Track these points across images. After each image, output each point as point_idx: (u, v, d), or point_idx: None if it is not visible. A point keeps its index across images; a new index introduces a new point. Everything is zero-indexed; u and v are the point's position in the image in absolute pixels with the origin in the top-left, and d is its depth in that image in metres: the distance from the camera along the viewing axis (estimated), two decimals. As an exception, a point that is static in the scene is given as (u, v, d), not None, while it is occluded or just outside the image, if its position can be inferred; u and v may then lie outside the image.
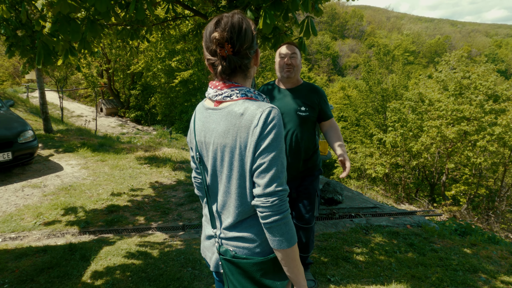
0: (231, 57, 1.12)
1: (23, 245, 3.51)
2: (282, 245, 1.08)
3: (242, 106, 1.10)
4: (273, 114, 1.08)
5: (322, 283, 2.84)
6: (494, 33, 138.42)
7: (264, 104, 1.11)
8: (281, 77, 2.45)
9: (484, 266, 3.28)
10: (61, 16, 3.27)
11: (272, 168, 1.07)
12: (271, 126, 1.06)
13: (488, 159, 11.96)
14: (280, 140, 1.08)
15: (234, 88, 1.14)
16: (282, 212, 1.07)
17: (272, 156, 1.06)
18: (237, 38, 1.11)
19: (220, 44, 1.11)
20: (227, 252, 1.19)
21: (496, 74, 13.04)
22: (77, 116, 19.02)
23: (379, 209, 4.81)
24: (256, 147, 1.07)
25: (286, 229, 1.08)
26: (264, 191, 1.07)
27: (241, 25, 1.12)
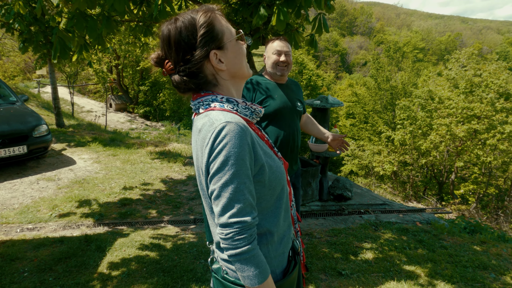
0: (174, 76, 1.00)
1: (40, 236, 3.61)
2: (245, 282, 0.95)
3: (201, 121, 0.98)
4: (225, 132, 0.89)
5: (333, 277, 2.88)
6: (506, 30, 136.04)
7: (221, 117, 0.93)
8: (273, 74, 2.39)
9: (494, 263, 3.29)
10: (78, 12, 3.34)
11: (224, 195, 0.91)
12: (221, 146, 0.89)
13: (498, 158, 11.84)
14: (234, 162, 0.90)
15: (200, 99, 1.01)
16: (238, 247, 0.91)
17: (223, 182, 0.90)
18: (169, 53, 0.98)
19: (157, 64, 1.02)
20: (219, 271, 1.08)
21: (508, 72, 12.87)
22: (87, 112, 19.27)
23: (388, 206, 4.83)
24: (208, 171, 0.94)
25: (245, 267, 0.93)
26: (218, 221, 0.93)
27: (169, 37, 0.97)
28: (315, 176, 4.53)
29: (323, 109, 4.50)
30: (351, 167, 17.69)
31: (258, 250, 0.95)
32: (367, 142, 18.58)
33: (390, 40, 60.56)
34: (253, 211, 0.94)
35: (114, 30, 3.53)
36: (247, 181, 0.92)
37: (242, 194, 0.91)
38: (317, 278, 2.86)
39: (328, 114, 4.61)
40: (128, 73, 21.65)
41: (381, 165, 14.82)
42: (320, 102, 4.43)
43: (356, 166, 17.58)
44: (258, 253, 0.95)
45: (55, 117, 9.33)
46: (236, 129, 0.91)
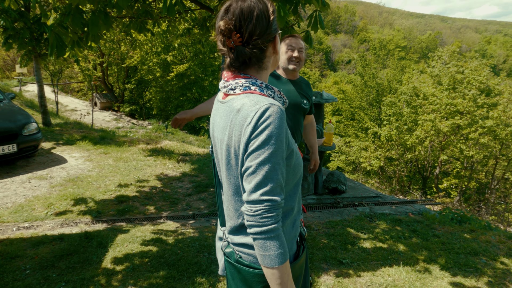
0: (239, 48, 1.01)
1: (38, 234, 3.57)
2: (265, 262, 0.96)
3: (241, 101, 0.99)
4: (269, 112, 0.94)
5: (335, 266, 2.98)
6: (484, 29, 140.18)
7: (264, 99, 0.97)
8: (286, 69, 2.49)
9: (484, 249, 3.46)
10: (73, 8, 3.31)
11: (259, 173, 0.93)
12: (265, 125, 0.93)
13: (480, 152, 12.28)
14: (274, 142, 0.93)
15: (238, 80, 1.04)
16: (266, 225, 0.93)
17: (262, 160, 0.93)
18: (246, 27, 0.99)
19: (225, 35, 1.00)
20: (232, 255, 1.10)
21: (488, 69, 13.33)
22: (71, 110, 18.84)
23: (381, 198, 4.97)
24: (246, 148, 0.96)
25: (269, 245, 0.94)
26: (249, 197, 0.95)
27: (252, 11, 0.99)
28: (310, 170, 4.61)
29: (318, 104, 4.59)
30: (338, 163, 17.96)
31: (281, 230, 0.97)
32: (354, 139, 18.90)
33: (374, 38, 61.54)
34: (282, 192, 0.97)
35: (113, 26, 3.52)
36: (281, 163, 0.96)
37: (276, 174, 0.94)
38: (319, 268, 2.95)
39: (323, 109, 4.70)
40: (113, 71, 21.28)
41: (368, 160, 15.12)
42: (315, 98, 4.52)
43: (343, 162, 17.86)
44: (282, 234, 0.96)
45: (41, 115, 9.12)
46: (278, 112, 0.95)
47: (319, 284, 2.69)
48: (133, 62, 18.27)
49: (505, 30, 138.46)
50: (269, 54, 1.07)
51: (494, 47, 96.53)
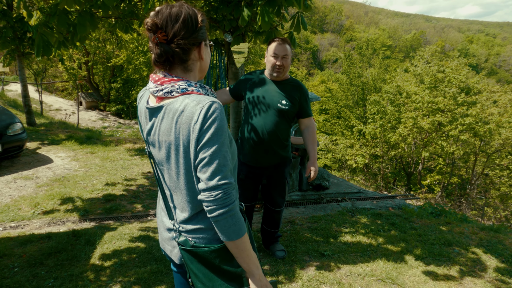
0: (163, 45, 1.10)
1: (25, 233, 3.60)
2: (231, 237, 1.09)
3: (182, 103, 1.08)
4: (213, 108, 1.06)
5: (316, 258, 3.12)
6: (467, 28, 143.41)
7: (204, 98, 1.08)
8: (270, 75, 2.61)
9: (457, 240, 3.65)
10: (59, 8, 3.35)
11: (214, 162, 1.06)
12: (211, 120, 1.05)
13: (461, 148, 12.68)
14: (221, 134, 1.07)
15: (174, 83, 1.12)
16: (227, 205, 1.06)
17: (213, 150, 1.05)
18: (172, 26, 1.08)
19: (151, 30, 1.09)
20: (187, 242, 1.20)
21: (468, 68, 13.75)
22: (55, 110, 18.57)
23: (363, 193, 5.15)
24: (197, 143, 1.06)
25: (232, 221, 1.08)
26: (207, 185, 1.06)
27: (179, 14, 1.09)
28: (294, 167, 4.75)
29: (301, 103, 4.72)
30: (324, 161, 18.23)
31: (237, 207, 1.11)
32: (340, 136, 19.20)
33: (360, 37, 62.29)
34: (232, 175, 1.12)
35: (99, 26, 3.56)
36: (228, 150, 1.10)
37: (226, 160, 1.08)
38: (302, 260, 3.08)
39: (306, 108, 4.84)
40: (99, 70, 21.04)
41: (353, 158, 15.41)
42: (298, 97, 4.65)
43: (329, 160, 18.13)
44: (238, 210, 1.11)
45: (25, 115, 9.03)
46: (220, 107, 1.08)
47: (301, 275, 2.82)
48: (119, 61, 18.11)
49: (486, 29, 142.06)
50: (194, 57, 1.16)
51: (476, 46, 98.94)
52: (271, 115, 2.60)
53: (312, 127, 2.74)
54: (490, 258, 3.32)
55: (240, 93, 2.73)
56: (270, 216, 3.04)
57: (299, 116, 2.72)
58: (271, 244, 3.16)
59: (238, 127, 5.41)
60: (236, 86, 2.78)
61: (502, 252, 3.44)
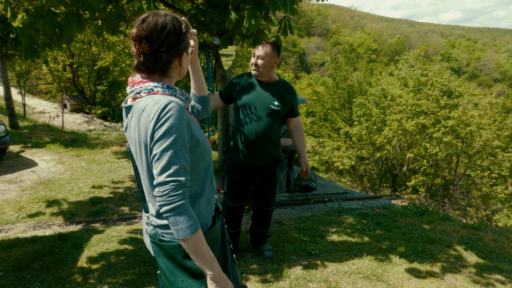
0: (146, 56, 1.14)
1: (9, 237, 3.54)
2: (179, 235, 1.09)
3: (145, 102, 1.13)
4: (169, 107, 1.08)
5: (304, 257, 3.17)
6: (449, 33, 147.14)
7: (164, 98, 1.12)
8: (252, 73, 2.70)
9: (439, 238, 3.77)
10: (45, 10, 3.33)
11: (163, 158, 1.07)
12: (165, 118, 1.07)
13: (444, 150, 13.01)
14: (174, 131, 1.08)
15: (142, 84, 1.17)
16: (174, 202, 1.07)
17: (164, 147, 1.07)
18: (156, 38, 1.12)
19: (136, 41, 1.13)
20: (156, 235, 1.24)
21: (450, 71, 14.14)
22: (39, 113, 18.21)
23: (349, 194, 5.25)
24: (151, 139, 1.10)
25: (179, 219, 1.08)
26: (157, 181, 1.08)
27: (165, 27, 1.13)
28: (282, 168, 4.81)
29: (288, 105, 4.79)
30: (312, 163, 18.40)
31: (189, 206, 1.12)
32: (327, 139, 19.42)
33: (345, 41, 63.17)
34: (186, 174, 1.11)
35: (85, 28, 3.55)
36: (183, 149, 1.11)
37: (179, 158, 1.09)
38: (289, 259, 3.13)
39: (293, 111, 4.91)
40: (84, 72, 20.75)
41: (340, 160, 15.60)
42: (285, 99, 4.72)
43: (317, 162, 18.30)
44: (190, 208, 1.11)
45: (8, 118, 8.84)
46: (177, 106, 1.11)
47: (289, 274, 2.86)
48: (105, 63, 17.90)
49: (468, 34, 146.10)
50: (175, 66, 1.22)
51: (458, 50, 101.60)
52: (264, 116, 2.65)
53: (301, 125, 2.85)
54: (470, 254, 3.44)
55: (231, 96, 2.78)
56: (260, 216, 3.07)
57: (288, 116, 2.79)
58: (259, 244, 3.20)
59: (226, 129, 5.44)
60: (227, 89, 2.81)
61: (482, 249, 3.56)
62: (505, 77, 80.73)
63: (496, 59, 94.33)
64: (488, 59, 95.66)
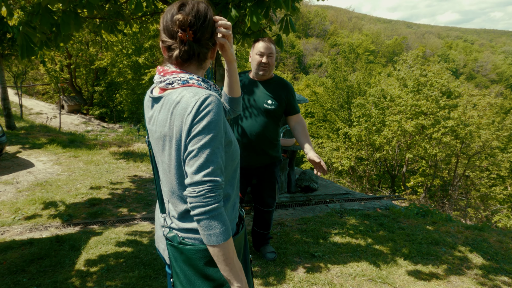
0: (191, 43, 1.07)
1: (5, 239, 3.46)
2: (210, 241, 1.01)
3: (180, 94, 1.06)
4: (208, 101, 1.02)
5: (307, 259, 3.11)
6: (446, 35, 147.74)
7: (202, 91, 1.05)
8: (256, 74, 2.58)
9: (444, 239, 3.71)
10: (42, 7, 3.26)
11: (201, 156, 0.99)
12: (204, 113, 1.00)
13: (443, 150, 12.99)
14: (213, 127, 1.01)
15: (176, 75, 1.09)
16: (209, 204, 0.99)
17: (203, 143, 1.00)
18: (200, 26, 1.06)
19: (182, 27, 1.05)
20: (175, 238, 1.14)
21: (449, 72, 14.14)
22: (36, 114, 18.07)
23: (351, 195, 5.19)
24: (188, 134, 1.02)
25: (213, 223, 1.00)
26: (192, 180, 1.00)
27: (207, 14, 1.08)
28: (283, 169, 4.75)
29: (289, 105, 4.73)
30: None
31: (224, 210, 1.03)
32: (326, 139, 19.38)
33: (344, 42, 63.31)
34: (222, 174, 1.04)
35: (83, 26, 3.48)
36: (220, 147, 1.03)
37: (216, 157, 1.01)
38: (292, 261, 3.06)
39: (294, 110, 4.85)
40: (81, 72, 20.63)
41: (339, 160, 15.56)
42: (286, 99, 4.66)
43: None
44: (224, 212, 1.03)
45: (4, 118, 8.75)
46: (217, 101, 1.04)
47: (293, 277, 2.80)
48: (103, 63, 17.80)
49: (465, 36, 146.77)
50: (209, 56, 1.16)
51: (455, 52, 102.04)
52: (258, 116, 2.60)
53: (303, 122, 2.72)
54: (475, 256, 3.39)
55: None
56: (260, 217, 3.02)
57: (288, 114, 2.69)
58: (261, 245, 3.14)
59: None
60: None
61: (487, 250, 3.51)
62: (502, 78, 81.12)
63: (493, 60, 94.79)
64: (485, 60, 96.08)
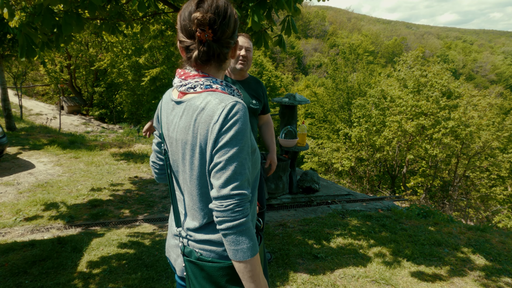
0: (210, 43, 1.00)
1: (7, 241, 3.45)
2: (237, 256, 0.96)
3: (204, 100, 0.99)
4: (236, 109, 0.95)
5: (310, 260, 3.10)
6: (445, 35, 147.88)
7: (228, 97, 0.99)
8: (233, 68, 2.45)
9: (446, 240, 3.71)
10: (44, 8, 3.25)
11: (229, 168, 0.94)
12: (232, 122, 0.94)
13: (443, 151, 12.98)
14: (241, 137, 0.95)
15: (198, 79, 1.03)
16: (238, 219, 0.94)
17: (231, 155, 0.94)
18: (220, 23, 0.99)
19: (201, 26, 0.98)
20: (192, 253, 1.08)
21: (449, 73, 14.14)
22: (36, 114, 18.04)
23: (352, 196, 5.18)
24: (214, 145, 0.96)
25: (241, 239, 0.95)
26: (219, 193, 0.95)
27: (227, 9, 1.00)
28: (285, 170, 4.74)
29: (291, 106, 4.73)
30: (311, 164, 18.32)
31: (251, 224, 0.98)
32: (326, 140, 19.37)
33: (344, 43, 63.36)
34: (249, 186, 0.99)
35: (85, 28, 3.48)
36: (247, 158, 0.98)
37: (244, 168, 0.96)
38: (295, 263, 3.06)
39: (296, 111, 4.85)
40: (81, 73, 20.62)
41: (339, 161, 15.55)
42: (288, 100, 4.66)
43: (316, 164, 18.23)
44: (252, 227, 0.98)
45: (5, 119, 8.73)
46: (244, 109, 0.98)
47: (296, 278, 2.79)
48: (103, 64, 17.79)
49: (464, 36, 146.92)
50: (230, 56, 1.09)
51: (454, 52, 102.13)
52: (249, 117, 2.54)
53: (271, 122, 2.72)
54: (478, 257, 3.38)
55: None
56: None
57: (261, 113, 2.62)
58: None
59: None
60: None
61: (489, 251, 3.51)
62: (501, 79, 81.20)
63: (492, 61, 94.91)
64: (484, 60, 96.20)
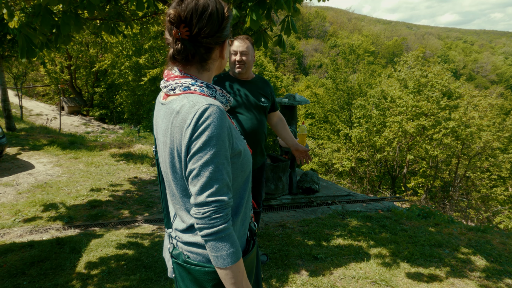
0: (185, 42, 0.98)
1: (5, 242, 3.44)
2: (218, 263, 0.95)
3: (180, 103, 0.97)
4: (208, 113, 0.92)
5: (310, 261, 3.08)
6: (446, 36, 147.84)
7: (203, 99, 0.96)
8: (233, 73, 2.56)
9: (447, 241, 3.69)
10: (43, 8, 3.24)
11: (203, 175, 0.92)
12: (204, 126, 0.92)
13: (444, 151, 12.96)
14: (215, 142, 0.92)
15: (178, 80, 1.01)
16: (215, 226, 0.92)
17: (204, 161, 0.92)
18: (197, 21, 0.96)
19: (173, 23, 0.97)
20: (180, 256, 1.08)
21: (449, 73, 14.12)
22: (36, 115, 18.06)
23: (352, 196, 5.16)
24: (188, 151, 0.94)
25: (221, 245, 0.94)
26: (196, 200, 0.94)
27: (206, 8, 0.97)
28: (285, 171, 4.73)
29: (291, 106, 4.72)
30: (311, 165, 18.31)
31: (232, 230, 0.96)
32: (327, 141, 19.35)
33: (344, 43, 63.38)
34: (229, 192, 0.96)
35: (84, 28, 3.47)
36: (225, 162, 0.95)
37: (221, 174, 0.94)
38: (295, 264, 3.04)
39: (296, 111, 4.84)
40: (82, 74, 20.63)
41: (340, 161, 15.54)
42: (288, 100, 4.65)
43: (316, 164, 18.22)
44: (233, 233, 0.96)
45: (5, 120, 8.73)
46: (218, 112, 0.94)
47: (295, 279, 2.78)
48: (103, 65, 17.79)
49: (464, 37, 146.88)
50: (215, 56, 1.06)
51: (455, 53, 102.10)
52: (256, 115, 2.57)
53: (283, 118, 2.78)
54: (479, 258, 3.36)
55: None
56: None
57: (271, 110, 2.71)
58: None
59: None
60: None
61: (490, 252, 3.49)
62: (502, 79, 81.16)
63: (492, 61, 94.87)
64: (485, 61, 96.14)
